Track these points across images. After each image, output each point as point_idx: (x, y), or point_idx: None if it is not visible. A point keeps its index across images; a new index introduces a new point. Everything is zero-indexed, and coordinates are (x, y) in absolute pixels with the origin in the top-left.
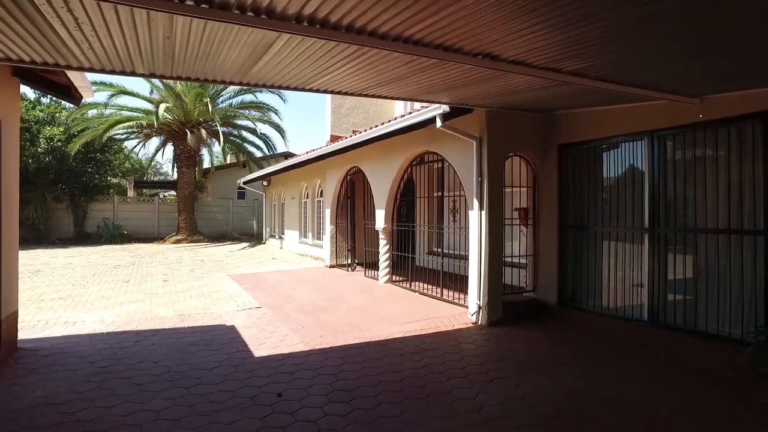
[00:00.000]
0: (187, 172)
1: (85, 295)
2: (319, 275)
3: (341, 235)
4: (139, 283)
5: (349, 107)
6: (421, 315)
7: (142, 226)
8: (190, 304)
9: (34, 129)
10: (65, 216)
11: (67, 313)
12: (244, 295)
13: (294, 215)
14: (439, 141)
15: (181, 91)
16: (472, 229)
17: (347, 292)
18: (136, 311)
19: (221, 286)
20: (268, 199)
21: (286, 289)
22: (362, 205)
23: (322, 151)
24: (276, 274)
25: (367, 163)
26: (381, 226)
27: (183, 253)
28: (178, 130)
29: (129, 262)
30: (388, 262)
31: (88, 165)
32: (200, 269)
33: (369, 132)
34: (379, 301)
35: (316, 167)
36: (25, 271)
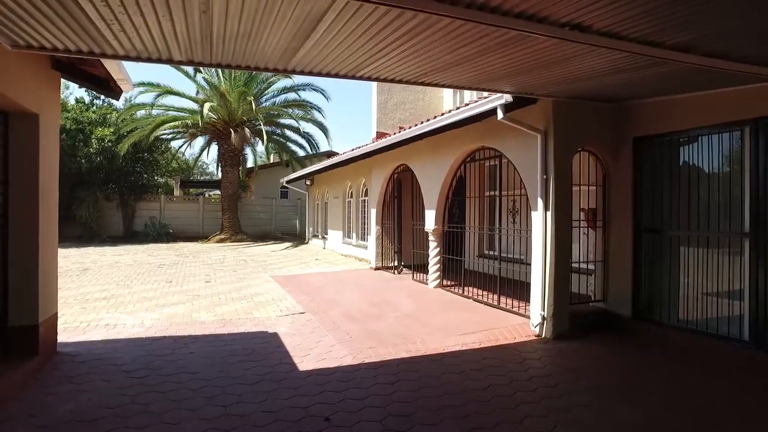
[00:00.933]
0: (230, 172)
1: (128, 295)
2: (365, 278)
3: (387, 236)
4: (182, 283)
5: (396, 103)
6: (478, 325)
7: (187, 225)
8: (231, 308)
9: (87, 130)
10: (115, 215)
11: (109, 314)
12: (287, 299)
13: (337, 215)
14: (497, 135)
15: (225, 90)
16: (535, 232)
17: (395, 297)
18: (177, 315)
19: (264, 288)
20: (310, 199)
21: (331, 293)
22: (410, 204)
23: (369, 148)
24: (320, 276)
25: (417, 160)
26: (431, 227)
27: (226, 253)
28: (222, 129)
29: (173, 261)
30: (439, 265)
31: (137, 165)
32: (243, 270)
33: (420, 126)
34: (431, 308)
35: (361, 165)
36: (74, 268)
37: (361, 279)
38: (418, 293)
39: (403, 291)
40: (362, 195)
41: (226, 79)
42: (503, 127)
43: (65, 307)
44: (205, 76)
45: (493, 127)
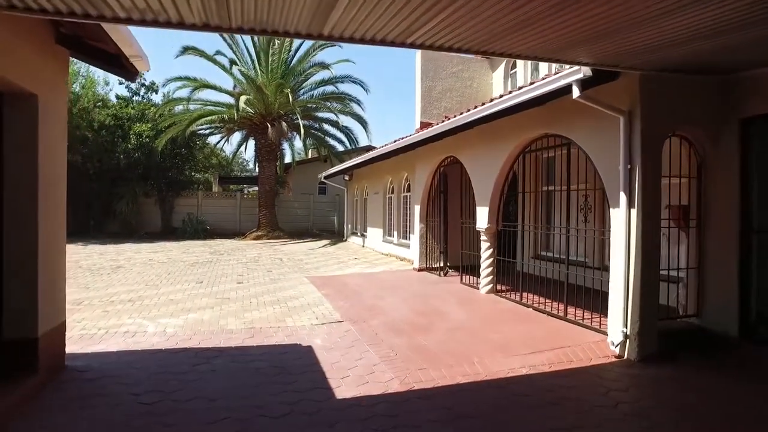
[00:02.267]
0: (267, 167)
1: (155, 297)
2: (408, 280)
3: (432, 234)
4: (213, 284)
5: (442, 90)
6: (544, 341)
7: (225, 222)
8: (262, 314)
9: (126, 126)
10: (154, 210)
11: (131, 320)
12: (324, 304)
13: (378, 212)
14: (566, 120)
15: (262, 84)
16: (615, 232)
17: (444, 303)
18: (203, 321)
19: (299, 291)
20: (349, 195)
21: (372, 298)
22: (458, 201)
23: (412, 139)
24: (359, 278)
25: (467, 151)
26: (483, 225)
27: (262, 251)
28: (259, 123)
29: (207, 259)
30: (492, 268)
31: (174, 160)
32: (278, 269)
33: (474, 112)
34: (486, 319)
35: (404, 159)
36: (108, 266)
37: (404, 281)
38: (469, 299)
39: (452, 296)
40: (404, 190)
41: (263, 71)
42: (573, 110)
43: (88, 309)
44: (241, 69)
45: (561, 110)
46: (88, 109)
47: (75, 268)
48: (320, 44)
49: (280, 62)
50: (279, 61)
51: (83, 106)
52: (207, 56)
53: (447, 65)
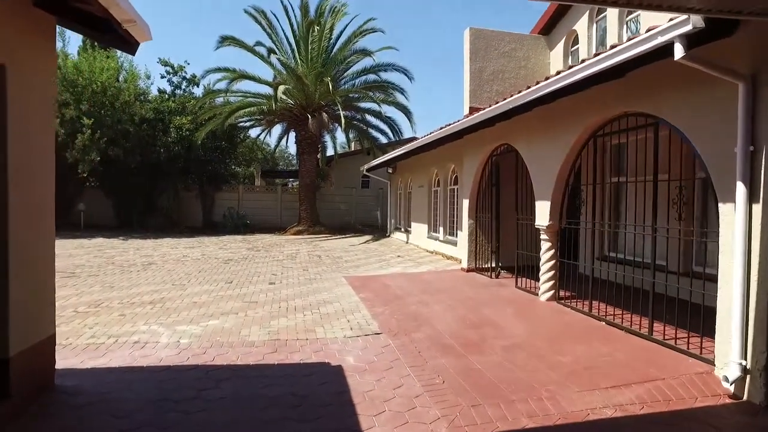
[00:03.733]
0: (308, 160)
1: (179, 299)
2: (455, 282)
3: (482, 231)
4: (242, 285)
5: (493, 72)
6: (630, 369)
7: (265, 216)
8: (290, 322)
9: (166, 119)
10: (195, 205)
11: (147, 326)
12: (361, 311)
13: (422, 206)
14: (654, 93)
15: (302, 73)
16: (726, 232)
17: (498, 313)
18: (223, 330)
19: (334, 294)
20: (393, 188)
21: (415, 303)
22: (512, 194)
23: (460, 125)
24: (401, 279)
25: (524, 138)
26: (544, 222)
27: (301, 247)
28: (299, 115)
29: (242, 256)
30: (553, 272)
31: (215, 153)
32: (315, 268)
33: (534, 89)
34: (551, 334)
35: (450, 148)
36: (140, 262)
37: (451, 284)
38: (527, 308)
39: (507, 304)
40: (451, 183)
41: (303, 60)
42: (666, 80)
43: (105, 312)
44: (280, 58)
45: (647, 81)
46: (129, 102)
47: (107, 265)
48: (362, 30)
49: (320, 50)
50: (319, 49)
51: (125, 100)
52: (245, 46)
53: (498, 44)
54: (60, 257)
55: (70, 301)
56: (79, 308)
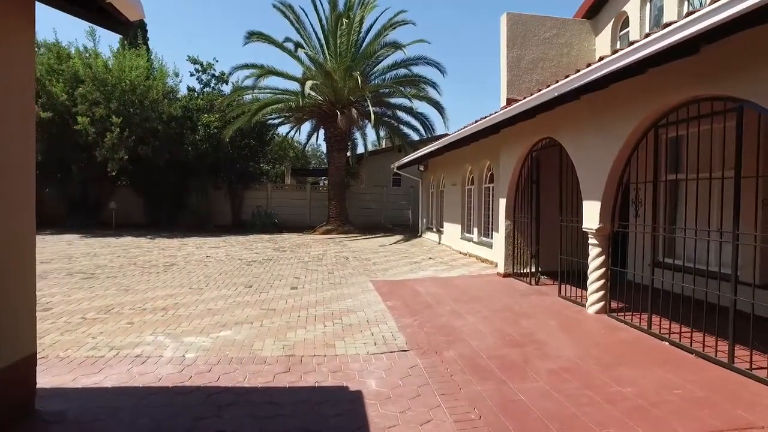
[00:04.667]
0: (337, 157)
1: (193, 305)
2: (491, 289)
3: (521, 233)
4: (262, 290)
5: (532, 60)
6: (709, 408)
7: (294, 215)
8: (309, 334)
9: (194, 117)
10: (223, 203)
11: (153, 336)
12: (387, 321)
13: (455, 205)
14: (740, 71)
15: (330, 69)
16: None
17: (541, 326)
18: (234, 343)
19: (359, 302)
20: (424, 186)
21: (447, 313)
22: (555, 193)
23: (497, 117)
24: (432, 284)
25: (569, 129)
26: (593, 225)
27: (328, 247)
28: (328, 111)
29: (267, 257)
30: (603, 281)
31: (243, 152)
32: (341, 270)
33: (587, 71)
34: (605, 356)
35: (486, 144)
36: (162, 263)
37: (487, 291)
38: (574, 322)
39: (550, 316)
40: (486, 181)
41: (332, 55)
42: (757, 52)
43: (112, 320)
44: (308, 52)
45: (731, 55)
46: (157, 101)
47: (128, 266)
48: (392, 23)
49: (349, 44)
50: (348, 43)
51: (153, 98)
52: (273, 41)
53: (538, 29)
54: (85, 257)
55: (81, 306)
56: (88, 314)
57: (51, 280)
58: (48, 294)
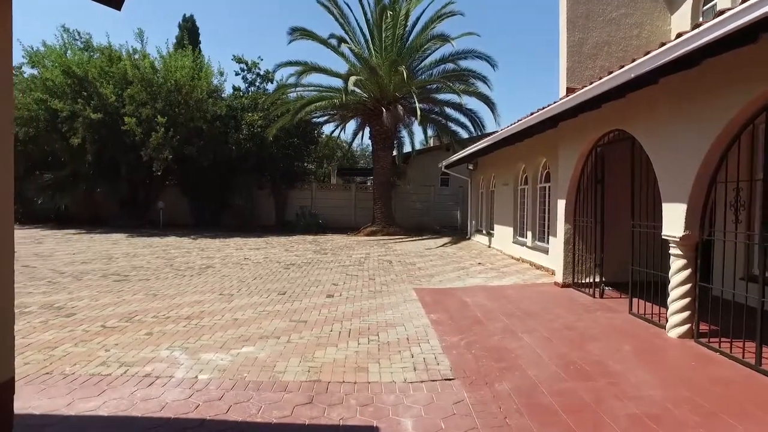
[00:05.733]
0: (383, 156)
1: (219, 314)
2: (549, 302)
3: (582, 239)
4: (296, 297)
5: (596, 44)
6: None
7: (339, 215)
8: (339, 353)
9: (239, 116)
10: (268, 203)
11: (169, 351)
12: (430, 339)
13: (507, 206)
14: None
15: (375, 64)
16: None
17: (613, 353)
18: (255, 362)
19: (399, 314)
20: (473, 186)
21: (499, 331)
22: (624, 193)
23: (556, 109)
24: (482, 294)
25: (645, 120)
26: (677, 232)
27: (371, 250)
28: (373, 108)
29: (306, 260)
30: (689, 299)
31: (287, 151)
32: (383, 276)
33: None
34: (703, 401)
35: (541, 140)
36: (198, 265)
37: (544, 304)
38: (654, 348)
39: (623, 339)
40: (541, 180)
41: (377, 50)
42: None
43: (131, 329)
44: (352, 47)
45: None
46: (202, 100)
47: (164, 268)
48: (440, 14)
49: (394, 38)
50: (393, 37)
51: (198, 97)
52: (316, 37)
53: (604, 9)
54: (125, 257)
55: (105, 311)
56: (109, 322)
57: (85, 281)
58: (76, 297)
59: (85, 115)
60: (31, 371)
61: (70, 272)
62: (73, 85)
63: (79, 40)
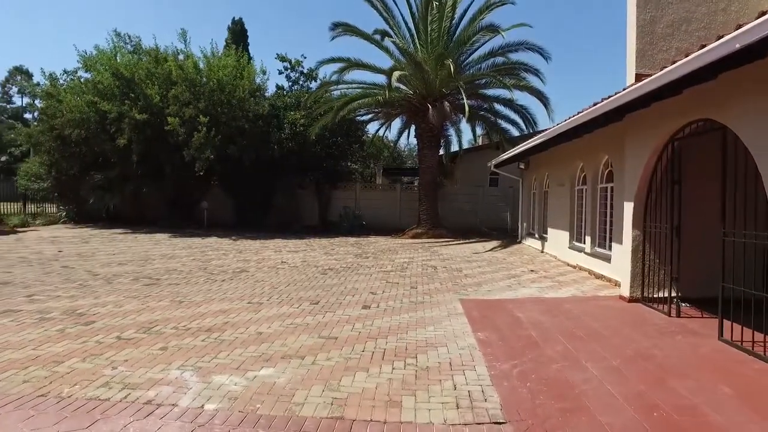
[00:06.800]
0: (429, 155)
1: (243, 327)
2: (615, 320)
3: (653, 247)
4: (328, 308)
5: (671, 23)
6: None
7: (383, 216)
8: (369, 382)
9: (281, 115)
10: (311, 203)
11: (180, 370)
12: (476, 366)
13: (562, 208)
14: None
15: (421, 59)
16: None
17: (706, 395)
18: (273, 389)
19: (442, 331)
20: (525, 186)
21: (559, 357)
22: (710, 195)
23: (624, 97)
24: (536, 308)
25: (743, 103)
26: None
27: (416, 254)
28: (418, 105)
29: (345, 264)
30: None
31: (330, 150)
32: (426, 284)
33: None
34: None
35: (603, 134)
36: (232, 268)
37: (610, 322)
38: (763, 392)
39: (717, 374)
40: (602, 180)
41: (422, 44)
42: None
43: (146, 343)
44: (396, 42)
45: None
46: (244, 99)
47: (197, 272)
48: (489, 4)
49: (441, 31)
50: (440, 29)
51: (241, 96)
52: (359, 32)
53: None
54: (162, 258)
55: (125, 320)
56: (125, 333)
57: (115, 285)
58: (101, 303)
59: (131, 116)
60: (27, 392)
61: (104, 274)
62: (121, 86)
63: (129, 44)
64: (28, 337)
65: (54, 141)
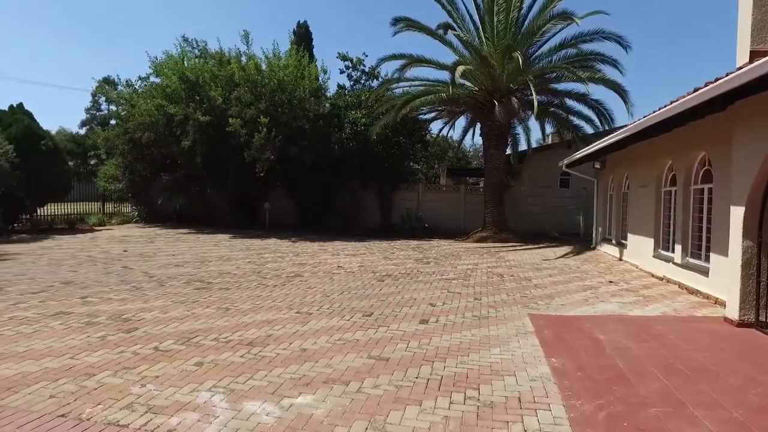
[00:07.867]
0: (495, 155)
1: (287, 341)
2: (723, 350)
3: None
4: (382, 322)
5: None
6: None
7: (447, 219)
8: (421, 419)
9: (342, 114)
10: (372, 205)
11: (211, 392)
12: (551, 403)
13: (645, 212)
14: None
15: (487, 53)
16: None
17: None
18: (308, 425)
19: (509, 354)
20: (600, 188)
21: (656, 399)
22: None
23: (735, 80)
24: (619, 328)
25: None
26: None
27: (480, 259)
28: (484, 102)
29: (404, 270)
30: None
31: (392, 150)
32: (491, 296)
33: None
34: None
35: (699, 128)
36: (286, 273)
37: (717, 353)
38: None
39: None
40: (697, 181)
41: (488, 38)
42: None
43: (184, 355)
44: (460, 35)
45: None
46: (305, 99)
47: (250, 275)
48: None
49: (508, 23)
50: (507, 21)
51: (301, 96)
52: (421, 26)
53: None
54: (218, 260)
55: (167, 328)
56: (164, 343)
57: (167, 288)
58: (147, 308)
59: (195, 118)
60: (49, 410)
61: (159, 276)
62: (186, 89)
63: (196, 48)
64: (70, 344)
65: (127, 144)
